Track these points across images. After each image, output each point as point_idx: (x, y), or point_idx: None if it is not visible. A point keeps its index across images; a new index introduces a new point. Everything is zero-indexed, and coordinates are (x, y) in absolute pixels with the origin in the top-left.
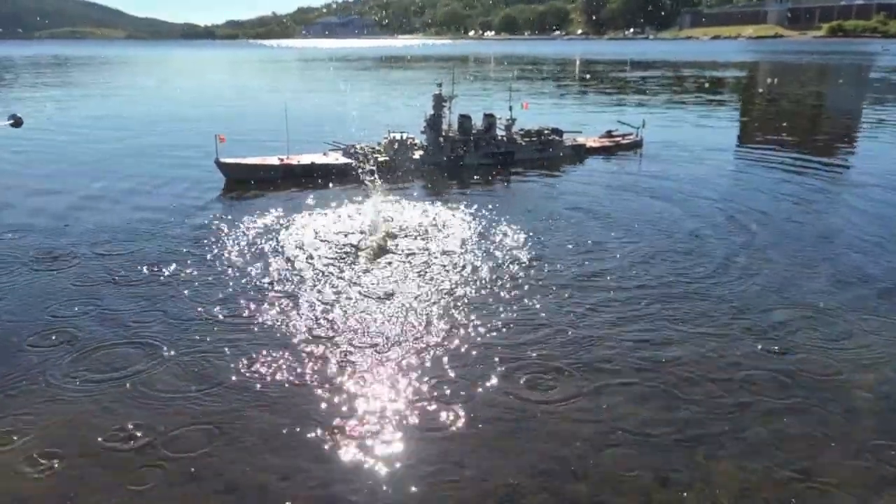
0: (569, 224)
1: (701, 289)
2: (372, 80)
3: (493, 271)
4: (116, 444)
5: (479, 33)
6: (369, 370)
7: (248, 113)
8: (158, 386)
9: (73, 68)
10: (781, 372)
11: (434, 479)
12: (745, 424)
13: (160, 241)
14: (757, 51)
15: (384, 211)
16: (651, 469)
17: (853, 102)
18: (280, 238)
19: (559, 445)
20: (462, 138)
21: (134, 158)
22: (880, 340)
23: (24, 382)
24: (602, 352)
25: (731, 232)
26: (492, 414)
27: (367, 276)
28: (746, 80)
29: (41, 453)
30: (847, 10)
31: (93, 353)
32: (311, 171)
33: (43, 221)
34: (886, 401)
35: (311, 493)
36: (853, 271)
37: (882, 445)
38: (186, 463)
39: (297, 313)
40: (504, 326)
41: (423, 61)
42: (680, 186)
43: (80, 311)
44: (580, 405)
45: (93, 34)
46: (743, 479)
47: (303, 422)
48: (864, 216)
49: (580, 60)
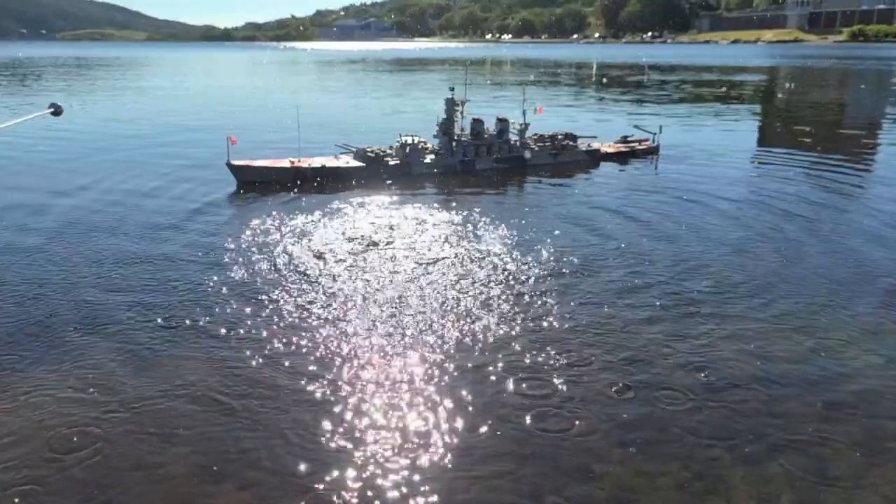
0: (576, 233)
1: (734, 297)
2: (387, 82)
3: (504, 277)
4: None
5: (496, 36)
6: (377, 375)
7: (260, 115)
8: (159, 385)
9: (95, 69)
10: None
11: (448, 485)
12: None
13: (168, 243)
14: (776, 55)
15: (393, 215)
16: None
17: (875, 107)
18: (290, 241)
19: (578, 450)
20: (474, 142)
21: (146, 159)
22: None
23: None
24: (602, 351)
25: (760, 241)
26: (508, 422)
27: (377, 281)
28: (766, 85)
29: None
30: (868, 14)
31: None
32: (323, 174)
33: (49, 222)
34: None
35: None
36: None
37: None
38: (201, 459)
39: (303, 316)
40: (512, 332)
41: (439, 64)
42: (696, 195)
43: (82, 310)
44: (601, 410)
45: (113, 36)
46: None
47: (311, 423)
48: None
49: (597, 64)
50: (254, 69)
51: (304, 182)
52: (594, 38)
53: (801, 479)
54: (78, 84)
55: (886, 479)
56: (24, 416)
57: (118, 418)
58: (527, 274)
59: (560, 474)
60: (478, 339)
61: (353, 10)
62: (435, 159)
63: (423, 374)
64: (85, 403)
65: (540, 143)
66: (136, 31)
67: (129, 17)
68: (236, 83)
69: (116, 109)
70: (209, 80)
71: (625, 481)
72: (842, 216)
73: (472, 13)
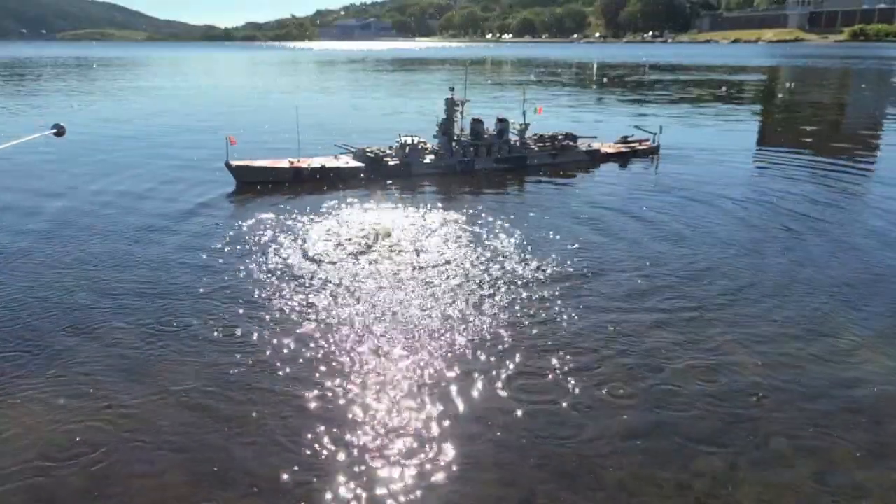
0: (578, 233)
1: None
2: (387, 82)
3: (506, 279)
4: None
5: (496, 36)
6: (375, 378)
7: (259, 115)
8: (159, 384)
9: (95, 69)
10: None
11: (449, 482)
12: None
13: (164, 245)
14: (777, 55)
15: (394, 216)
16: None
17: (876, 107)
18: (287, 242)
19: (576, 450)
20: (474, 143)
21: (145, 159)
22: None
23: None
24: (605, 353)
25: (767, 242)
26: (511, 420)
27: (375, 283)
28: (766, 85)
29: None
30: (869, 13)
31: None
32: (322, 174)
33: (43, 224)
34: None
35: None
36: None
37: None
38: (195, 466)
39: (300, 319)
40: (515, 335)
41: (439, 64)
42: (699, 195)
43: (75, 313)
44: (598, 411)
45: (113, 36)
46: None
47: (310, 429)
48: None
49: (598, 64)
50: (254, 69)
51: (304, 182)
52: (594, 38)
53: (809, 485)
54: (78, 84)
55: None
56: (15, 422)
57: (111, 424)
58: (530, 275)
59: (562, 479)
60: (478, 341)
61: (353, 10)
62: (434, 159)
63: (423, 377)
64: (77, 409)
65: (540, 143)
66: (137, 31)
67: (130, 16)
68: (236, 83)
69: (116, 109)
70: (210, 79)
71: (628, 485)
72: (848, 216)
73: (472, 13)
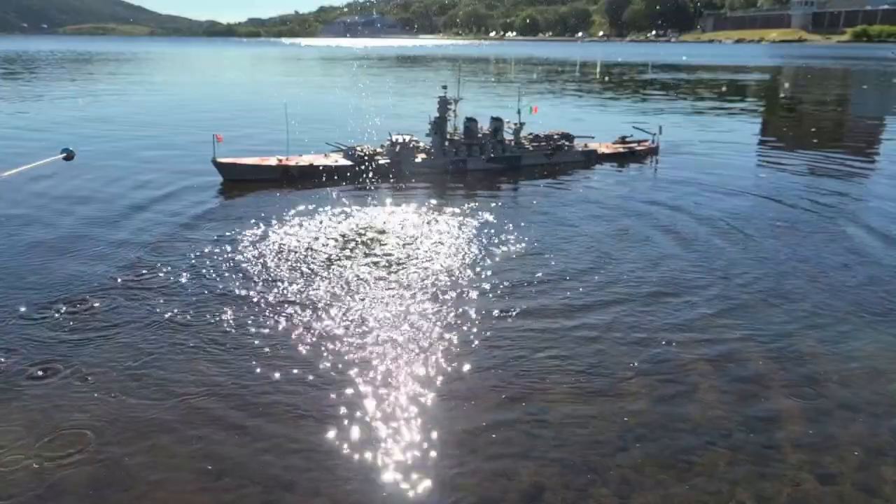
0: (577, 233)
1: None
2: (387, 80)
3: (503, 279)
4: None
5: (500, 34)
6: (374, 379)
7: (248, 112)
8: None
9: (95, 64)
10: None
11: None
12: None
13: (149, 245)
14: (781, 55)
15: (382, 215)
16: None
17: (879, 107)
18: (275, 241)
19: (580, 446)
20: (467, 142)
21: (131, 155)
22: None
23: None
24: (606, 351)
25: (776, 244)
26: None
27: (365, 283)
28: (769, 85)
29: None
30: (872, 14)
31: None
32: (311, 172)
33: (38, 222)
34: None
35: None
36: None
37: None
38: (205, 459)
39: (288, 317)
40: (513, 335)
41: (441, 61)
42: (700, 195)
43: (70, 311)
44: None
45: (115, 31)
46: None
47: (298, 423)
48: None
49: (601, 63)
50: (255, 66)
51: (292, 181)
52: (598, 37)
53: (810, 482)
54: (82, 80)
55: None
56: (15, 421)
57: (113, 426)
58: (531, 276)
59: (565, 473)
60: (477, 341)
61: (356, 7)
62: (426, 159)
63: (421, 375)
64: (77, 410)
65: (535, 142)
66: (139, 26)
67: (132, 11)
68: (242, 80)
69: (116, 109)
70: (214, 77)
71: (630, 479)
72: (857, 217)
73: (476, 10)
